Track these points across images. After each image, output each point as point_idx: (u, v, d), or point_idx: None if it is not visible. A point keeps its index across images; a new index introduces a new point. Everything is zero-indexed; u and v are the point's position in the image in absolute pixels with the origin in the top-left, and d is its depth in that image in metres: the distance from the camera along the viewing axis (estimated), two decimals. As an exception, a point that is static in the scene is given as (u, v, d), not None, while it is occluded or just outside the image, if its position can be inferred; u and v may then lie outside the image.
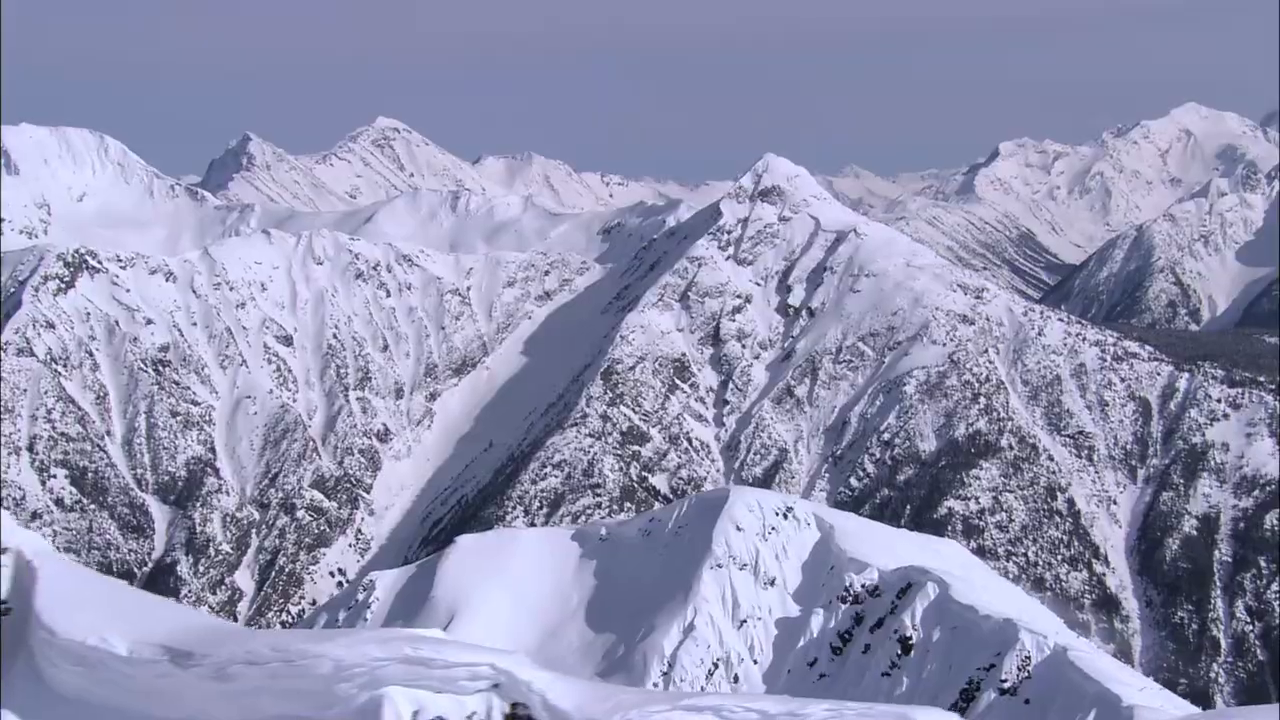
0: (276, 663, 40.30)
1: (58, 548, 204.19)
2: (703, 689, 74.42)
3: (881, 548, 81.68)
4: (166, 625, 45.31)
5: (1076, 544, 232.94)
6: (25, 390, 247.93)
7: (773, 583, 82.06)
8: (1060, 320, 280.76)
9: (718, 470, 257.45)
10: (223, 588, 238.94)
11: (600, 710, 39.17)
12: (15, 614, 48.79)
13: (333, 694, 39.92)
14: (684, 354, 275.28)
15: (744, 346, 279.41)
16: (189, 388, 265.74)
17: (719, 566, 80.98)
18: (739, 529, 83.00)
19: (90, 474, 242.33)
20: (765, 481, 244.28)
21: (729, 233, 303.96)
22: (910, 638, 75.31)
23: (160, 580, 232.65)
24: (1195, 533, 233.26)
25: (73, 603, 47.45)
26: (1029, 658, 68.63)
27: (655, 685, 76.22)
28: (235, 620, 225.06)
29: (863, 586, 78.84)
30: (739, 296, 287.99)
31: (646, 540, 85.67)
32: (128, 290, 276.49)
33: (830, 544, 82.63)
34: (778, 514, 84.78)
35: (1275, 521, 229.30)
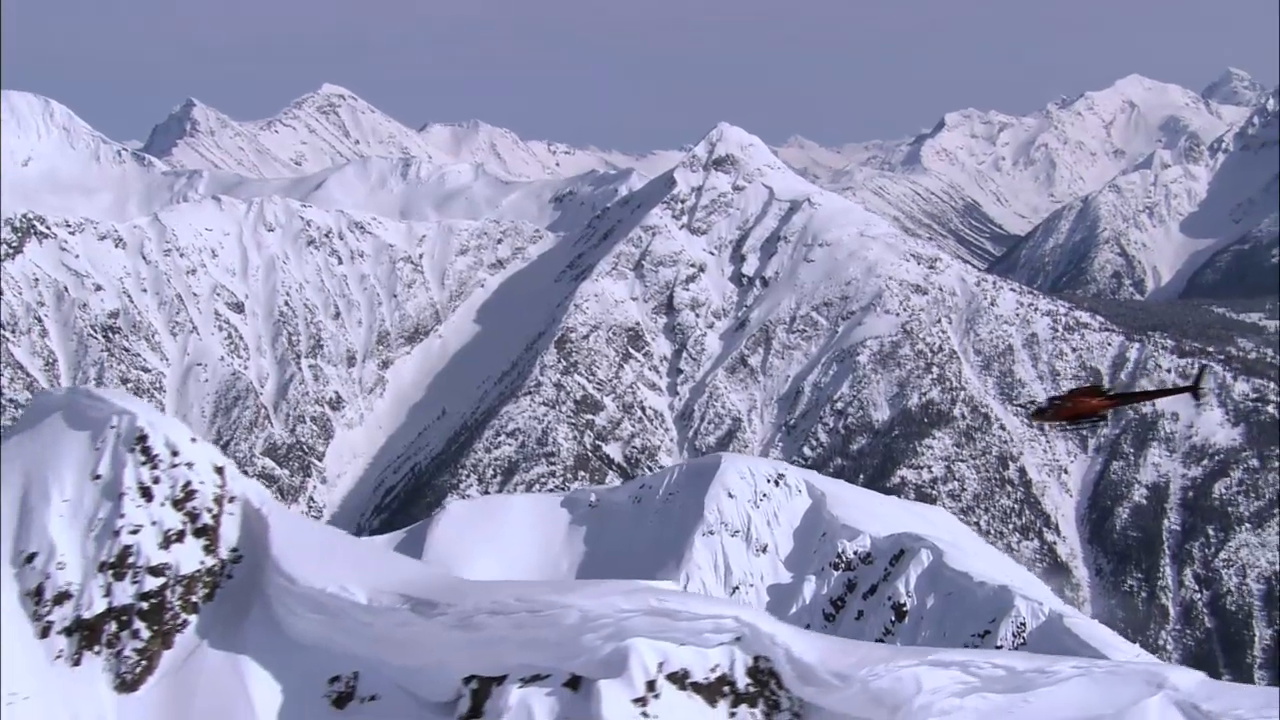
0: (522, 613, 40.36)
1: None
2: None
3: (872, 514, 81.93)
4: (402, 575, 45.28)
5: (1028, 513, 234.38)
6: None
7: (764, 549, 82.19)
8: (1012, 290, 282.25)
9: (671, 439, 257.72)
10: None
11: (845, 664, 39.15)
12: (247, 561, 48.76)
13: (578, 644, 39.86)
14: (638, 323, 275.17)
15: (698, 316, 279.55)
16: (139, 354, 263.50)
17: (711, 533, 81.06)
18: (731, 495, 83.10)
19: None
20: (718, 450, 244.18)
21: (683, 201, 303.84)
22: (904, 604, 75.65)
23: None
24: (1145, 502, 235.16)
25: (308, 551, 47.28)
26: (1024, 624, 69.05)
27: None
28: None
29: (855, 553, 79.19)
30: (693, 265, 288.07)
31: (637, 507, 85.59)
32: (77, 256, 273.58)
33: (822, 511, 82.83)
34: (769, 481, 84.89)
35: (1224, 490, 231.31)
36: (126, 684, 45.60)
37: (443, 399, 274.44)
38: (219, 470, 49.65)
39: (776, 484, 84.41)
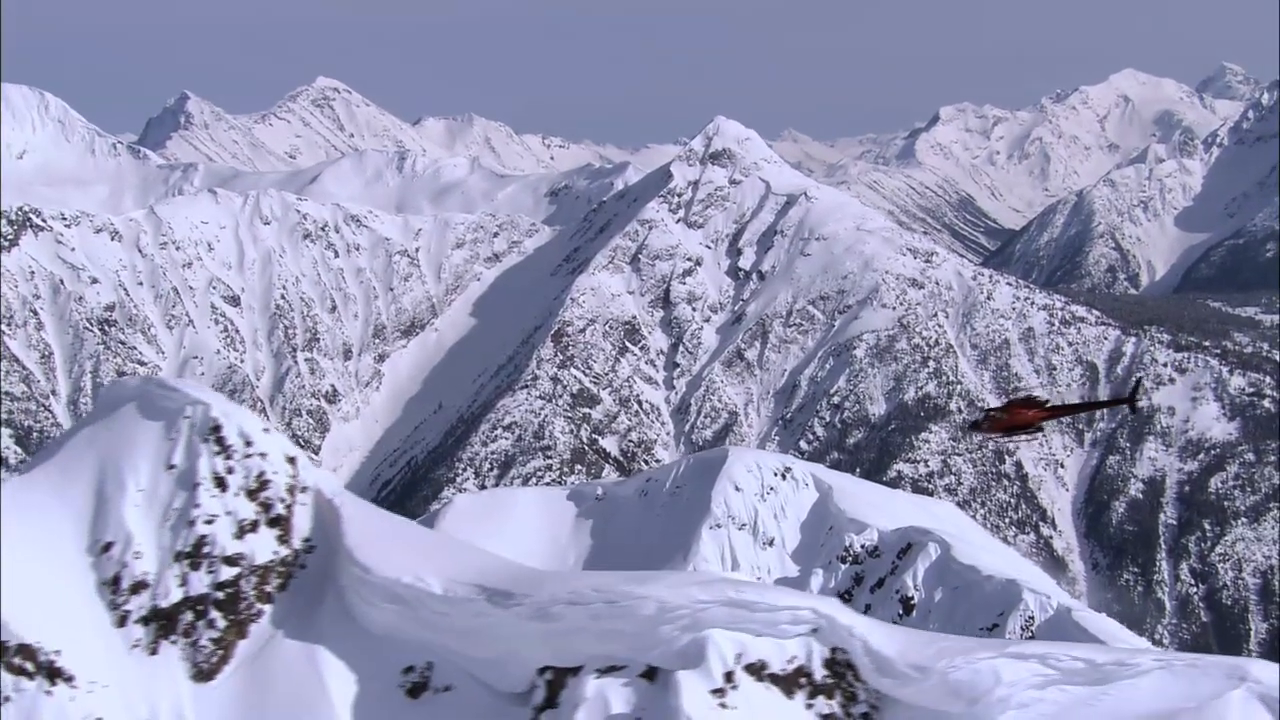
0: (599, 603, 40.32)
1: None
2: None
3: (879, 508, 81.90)
4: (476, 565, 45.30)
5: (1024, 507, 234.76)
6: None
7: (771, 543, 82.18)
8: (1009, 284, 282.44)
9: (668, 433, 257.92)
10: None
11: (924, 656, 39.04)
12: (320, 551, 48.83)
13: (655, 635, 39.79)
14: (634, 316, 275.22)
15: (694, 309, 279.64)
16: (135, 347, 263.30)
17: (718, 526, 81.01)
18: (738, 489, 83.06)
19: (35, 433, 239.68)
20: (715, 444, 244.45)
21: (679, 195, 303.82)
22: (912, 598, 75.68)
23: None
24: (1141, 496, 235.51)
25: (382, 541, 47.36)
26: (1032, 618, 69.16)
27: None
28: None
29: (862, 547, 79.23)
30: (689, 259, 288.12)
31: (643, 500, 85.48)
32: (72, 249, 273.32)
33: (829, 504, 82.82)
34: (776, 474, 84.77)
35: (1220, 485, 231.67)
36: (203, 673, 45.78)
37: (439, 393, 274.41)
38: (291, 460, 49.80)
39: (783, 477, 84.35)
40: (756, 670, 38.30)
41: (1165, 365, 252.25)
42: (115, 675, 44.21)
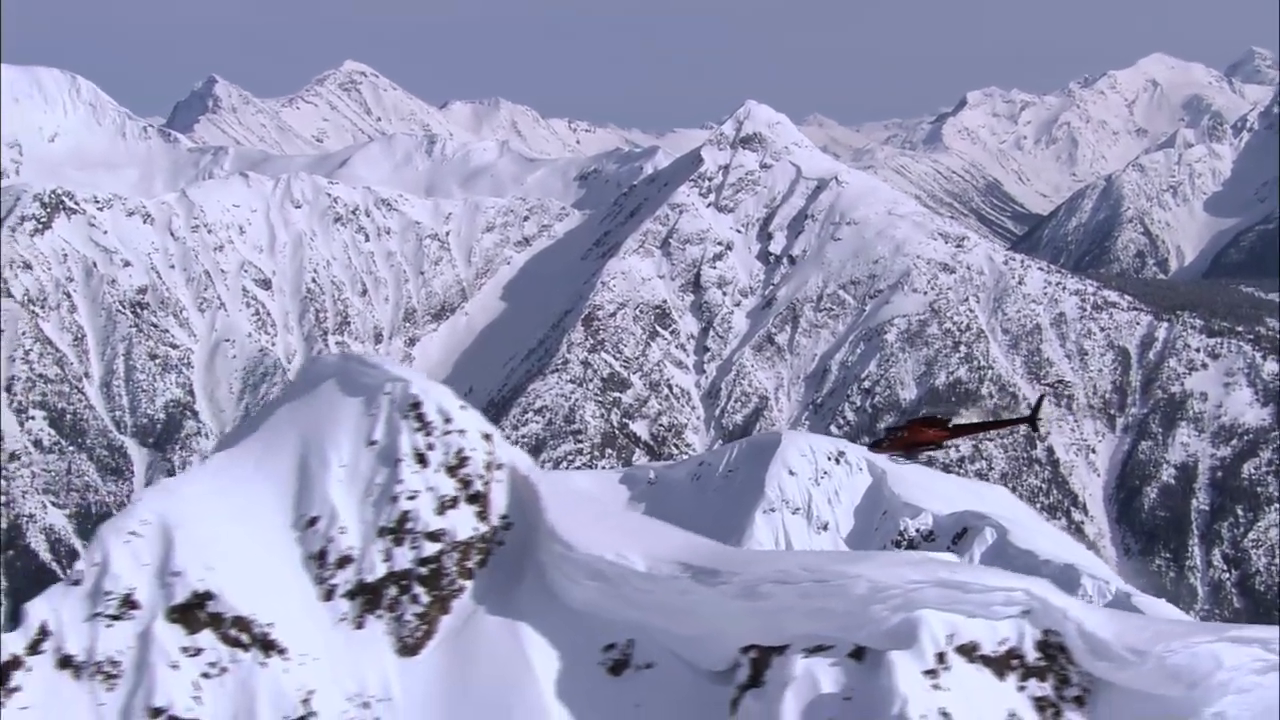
0: (809, 582, 40.23)
1: (36, 490, 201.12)
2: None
3: (932, 492, 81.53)
4: (677, 543, 45.43)
5: (1055, 492, 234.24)
6: (3, 331, 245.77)
7: (825, 527, 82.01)
8: (1040, 269, 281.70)
9: (698, 418, 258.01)
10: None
11: (1140, 639, 38.65)
12: (517, 528, 49.16)
13: (865, 615, 39.56)
14: (665, 301, 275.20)
15: (725, 294, 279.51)
16: (167, 330, 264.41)
17: (771, 510, 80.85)
18: (791, 473, 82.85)
19: (69, 416, 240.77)
20: (746, 429, 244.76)
21: (710, 179, 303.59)
22: (969, 584, 74.97)
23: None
24: (1173, 482, 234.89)
25: (581, 518, 47.60)
26: (1091, 602, 68.94)
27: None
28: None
29: (917, 531, 78.84)
30: (720, 243, 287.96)
31: (696, 484, 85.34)
32: (105, 232, 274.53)
33: (883, 488, 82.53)
34: (830, 458, 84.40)
35: (1253, 470, 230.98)
36: (408, 648, 46.24)
37: (469, 377, 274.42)
38: (487, 437, 50.12)
39: (837, 461, 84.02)
40: (968, 652, 38.05)
41: (1198, 350, 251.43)
42: (324, 648, 44.76)
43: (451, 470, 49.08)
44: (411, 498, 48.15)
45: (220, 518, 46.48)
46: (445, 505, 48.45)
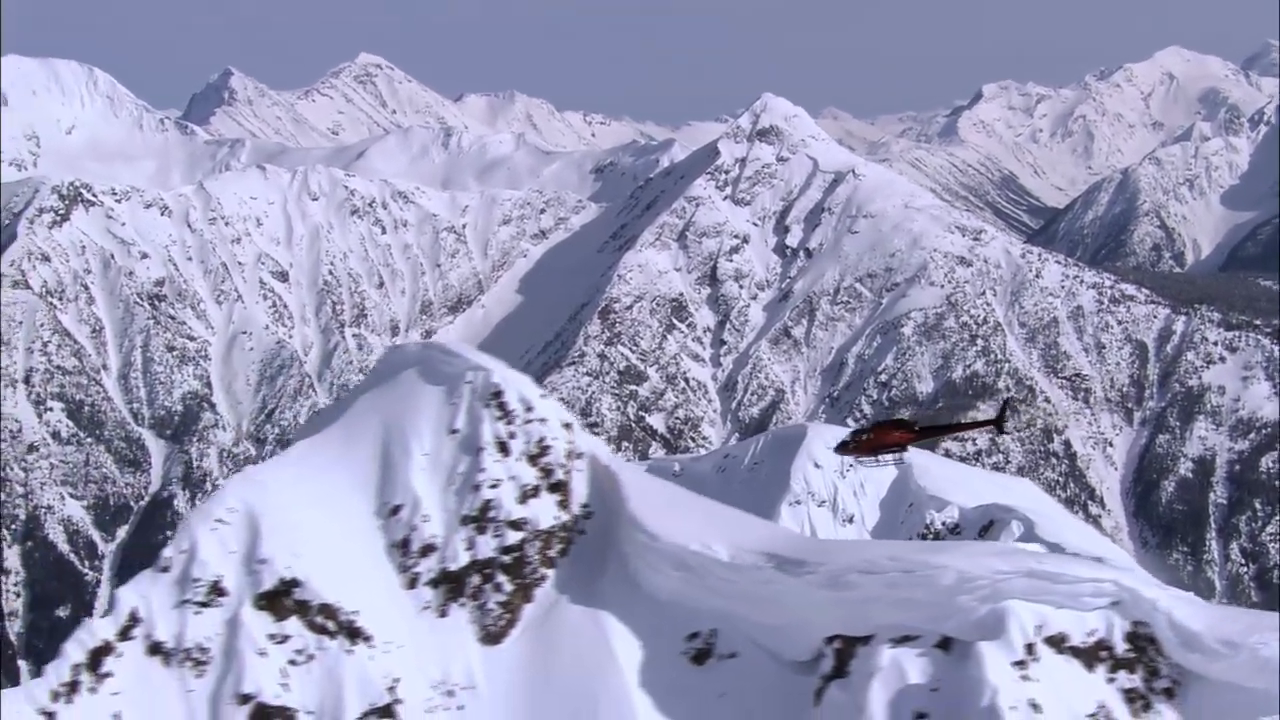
0: (895, 573, 40.16)
1: (54, 481, 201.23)
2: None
3: (958, 485, 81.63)
4: (760, 533, 45.46)
5: (1073, 486, 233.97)
6: (21, 323, 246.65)
7: (851, 520, 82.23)
8: (1058, 263, 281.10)
9: (714, 410, 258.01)
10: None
11: (1232, 631, 38.41)
12: (598, 517, 49.25)
13: (952, 605, 39.43)
14: (681, 294, 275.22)
15: (741, 287, 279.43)
16: (185, 322, 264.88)
17: (797, 503, 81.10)
18: (817, 466, 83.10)
19: (87, 407, 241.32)
20: (762, 422, 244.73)
21: (726, 172, 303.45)
22: (996, 577, 74.84)
23: (157, 515, 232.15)
24: (1191, 475, 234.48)
25: (663, 508, 47.75)
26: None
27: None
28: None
29: (943, 524, 78.82)
30: (736, 237, 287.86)
31: (722, 476, 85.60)
32: (123, 224, 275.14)
33: (909, 481, 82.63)
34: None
35: (1271, 464, 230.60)
36: (491, 636, 46.51)
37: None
38: (567, 426, 50.28)
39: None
40: (1057, 643, 38.05)
41: (1216, 344, 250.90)
42: (409, 636, 45.03)
43: (533, 459, 49.46)
44: (494, 486, 48.53)
45: (304, 505, 46.85)
46: (527, 494, 48.83)
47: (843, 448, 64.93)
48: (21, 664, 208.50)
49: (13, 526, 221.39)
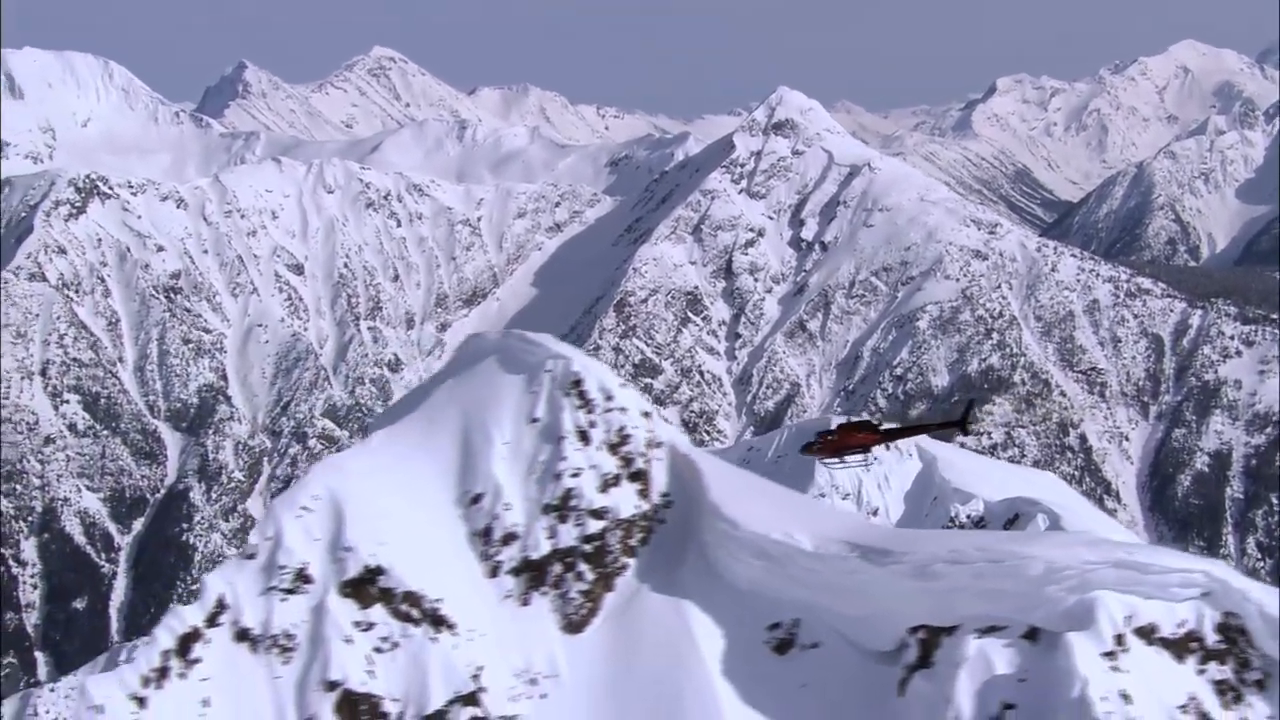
0: (982, 563, 39.87)
1: (70, 474, 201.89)
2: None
3: (984, 478, 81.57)
4: (842, 523, 45.36)
5: (1088, 480, 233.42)
6: (37, 315, 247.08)
7: (875, 513, 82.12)
8: (1073, 256, 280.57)
9: (729, 404, 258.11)
10: (235, 515, 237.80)
11: None
12: (678, 506, 49.23)
13: (1040, 596, 39.06)
14: (696, 287, 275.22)
15: (756, 280, 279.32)
16: (200, 315, 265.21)
17: (821, 496, 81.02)
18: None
19: (103, 400, 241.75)
20: (777, 416, 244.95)
21: (741, 166, 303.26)
22: (1021, 570, 74.63)
23: (173, 507, 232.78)
24: (1207, 469, 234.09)
25: (744, 497, 47.68)
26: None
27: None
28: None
29: (968, 517, 78.70)
30: (752, 230, 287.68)
31: (745, 469, 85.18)
32: (139, 216, 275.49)
33: (933, 474, 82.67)
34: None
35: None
36: (573, 625, 46.52)
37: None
38: (647, 415, 50.16)
39: (887, 447, 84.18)
40: (1146, 634, 37.65)
41: (1232, 338, 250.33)
42: (491, 625, 45.09)
43: (613, 448, 49.38)
44: (575, 475, 48.53)
45: (387, 494, 47.02)
46: (608, 483, 48.76)
47: (807, 448, 65.24)
48: (39, 655, 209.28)
49: (29, 519, 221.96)
